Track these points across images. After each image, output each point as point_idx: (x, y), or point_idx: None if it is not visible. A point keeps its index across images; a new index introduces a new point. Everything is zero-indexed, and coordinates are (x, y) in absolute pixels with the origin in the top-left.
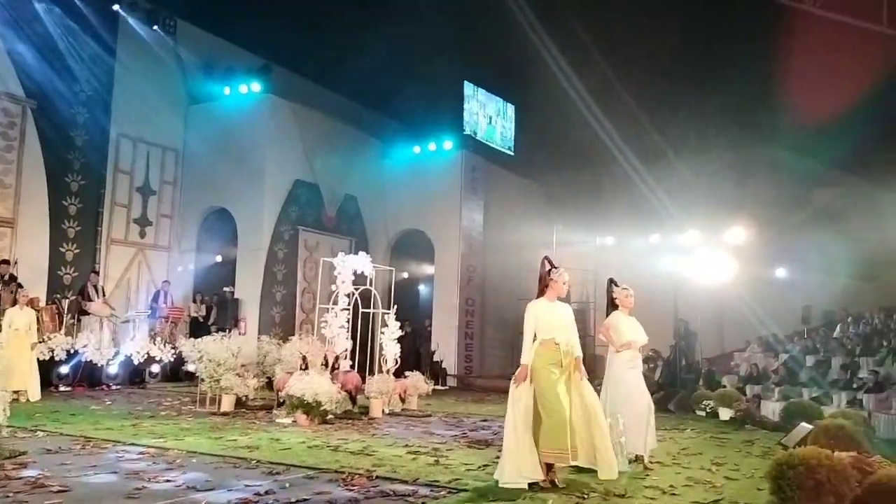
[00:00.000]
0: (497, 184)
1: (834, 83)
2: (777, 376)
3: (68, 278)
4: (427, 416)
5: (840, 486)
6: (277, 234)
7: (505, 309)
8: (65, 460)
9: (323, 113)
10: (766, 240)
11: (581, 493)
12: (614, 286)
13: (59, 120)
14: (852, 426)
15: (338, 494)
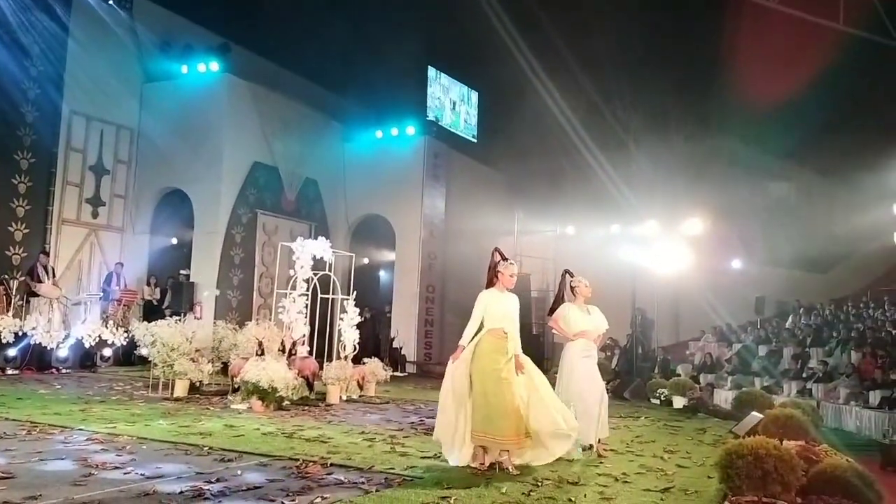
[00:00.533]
0: (459, 171)
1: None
2: (730, 365)
3: (17, 258)
4: (385, 403)
5: (787, 475)
6: (235, 217)
7: (465, 296)
8: (9, 446)
9: (283, 94)
10: (722, 231)
11: (535, 480)
12: (569, 277)
13: (9, 95)
14: (801, 416)
15: (291, 482)
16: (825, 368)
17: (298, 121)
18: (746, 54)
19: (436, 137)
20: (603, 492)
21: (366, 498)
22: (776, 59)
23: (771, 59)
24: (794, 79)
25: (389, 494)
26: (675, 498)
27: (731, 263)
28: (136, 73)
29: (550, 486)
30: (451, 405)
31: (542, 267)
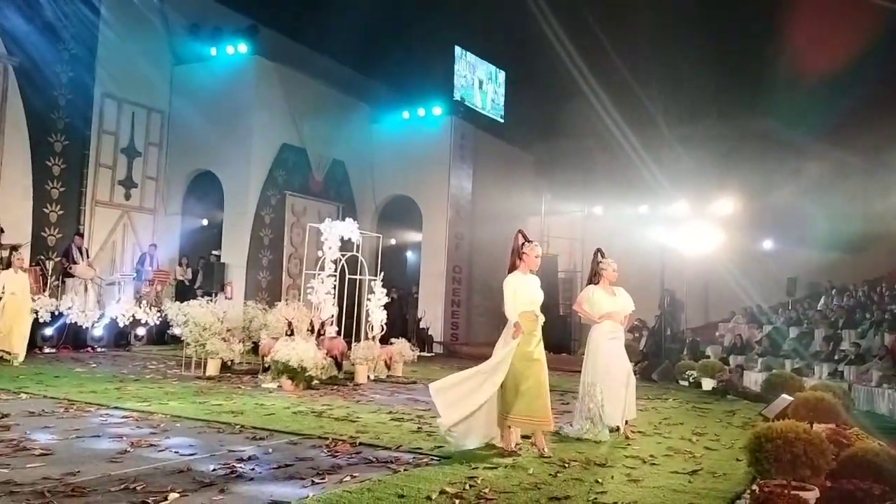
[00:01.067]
0: (486, 151)
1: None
2: (760, 347)
3: (52, 240)
4: (412, 383)
5: (816, 460)
6: (264, 198)
7: (492, 277)
8: (48, 423)
9: (311, 76)
10: (754, 211)
11: (562, 461)
12: (601, 257)
13: (42, 79)
14: (832, 399)
15: (321, 460)
16: (857, 350)
17: (326, 102)
18: (782, 31)
19: (462, 118)
20: (630, 473)
21: (394, 477)
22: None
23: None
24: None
25: (417, 474)
26: (703, 480)
27: (763, 244)
28: (166, 56)
29: (577, 468)
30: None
31: (570, 248)
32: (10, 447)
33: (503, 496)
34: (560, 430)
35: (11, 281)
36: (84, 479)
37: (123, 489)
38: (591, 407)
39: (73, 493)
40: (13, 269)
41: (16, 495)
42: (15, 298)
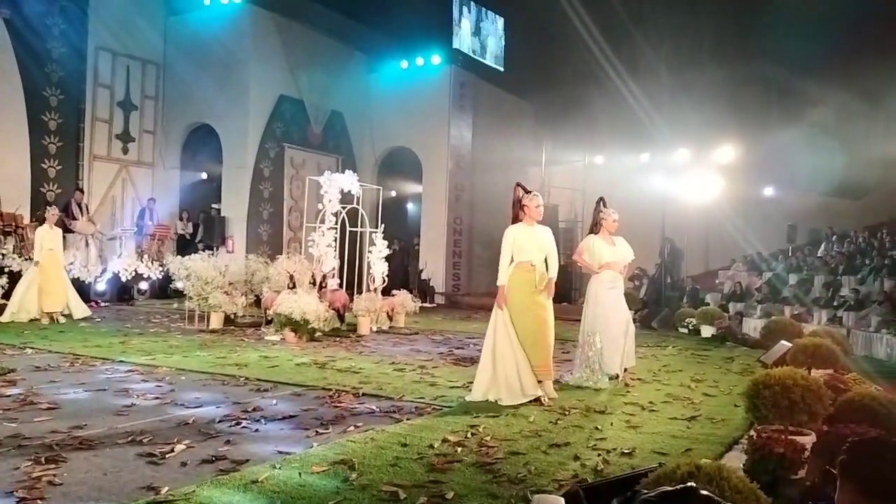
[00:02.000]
0: (486, 101)
1: None
2: (760, 294)
3: (52, 195)
4: (414, 334)
5: (813, 405)
6: (263, 151)
7: (493, 227)
8: (54, 378)
9: (307, 25)
10: (755, 158)
11: (562, 408)
12: (602, 207)
13: (35, 31)
14: (830, 344)
15: (324, 411)
16: (857, 296)
17: (323, 52)
18: None
19: (462, 67)
20: (629, 420)
21: (397, 427)
22: None
23: None
24: None
25: (420, 423)
26: (702, 426)
27: (763, 191)
28: (159, 7)
29: (577, 415)
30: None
31: (571, 198)
32: (17, 402)
33: (504, 443)
34: (561, 379)
35: (48, 237)
36: (91, 432)
37: (130, 441)
38: (590, 355)
39: (81, 445)
40: (48, 225)
41: (24, 448)
42: (53, 255)
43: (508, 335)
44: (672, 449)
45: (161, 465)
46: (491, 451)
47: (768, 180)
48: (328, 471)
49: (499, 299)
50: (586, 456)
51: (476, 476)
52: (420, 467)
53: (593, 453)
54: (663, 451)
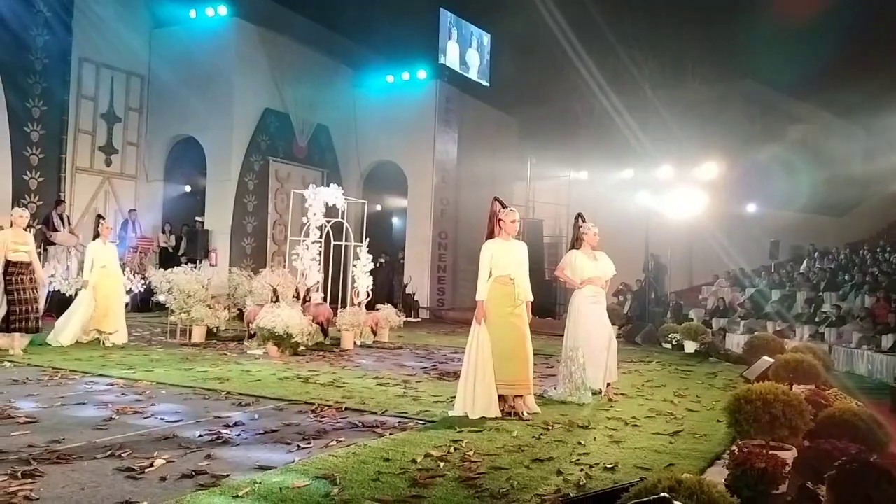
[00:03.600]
0: (471, 116)
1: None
2: (743, 310)
3: (33, 207)
4: (398, 349)
5: (794, 420)
6: (247, 164)
7: (478, 242)
8: (33, 391)
9: (292, 38)
10: (738, 175)
11: (545, 423)
12: (581, 222)
13: (18, 42)
14: (812, 360)
15: (307, 425)
16: (838, 312)
17: (309, 66)
18: None
19: (448, 82)
20: (612, 435)
21: (380, 441)
22: None
23: None
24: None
25: (403, 438)
26: (684, 441)
27: (746, 207)
28: (145, 19)
29: (560, 430)
30: (479, 363)
31: (556, 212)
32: None
33: (487, 458)
34: (544, 394)
35: (101, 252)
36: (69, 446)
37: (109, 456)
38: (573, 370)
39: (59, 459)
40: (101, 240)
41: (1, 463)
42: (107, 272)
43: (484, 350)
44: (655, 464)
45: (140, 480)
46: (474, 465)
47: (751, 197)
48: (310, 485)
49: (477, 314)
50: (569, 471)
51: (458, 491)
52: (402, 482)
53: (576, 468)
54: (646, 465)
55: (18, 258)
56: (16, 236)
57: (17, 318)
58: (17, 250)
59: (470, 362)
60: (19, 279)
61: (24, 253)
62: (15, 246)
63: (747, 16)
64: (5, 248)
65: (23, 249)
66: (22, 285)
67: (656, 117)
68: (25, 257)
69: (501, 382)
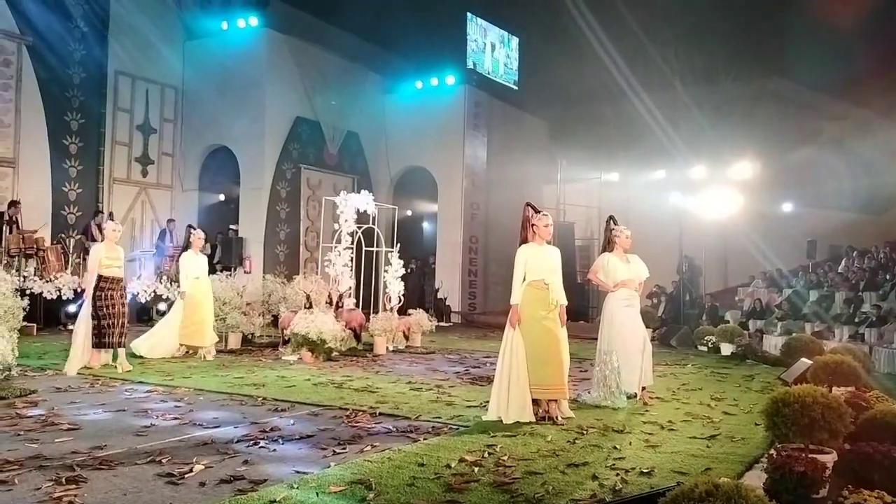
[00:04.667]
0: (500, 119)
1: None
2: (780, 311)
3: (72, 218)
4: (430, 353)
5: (834, 423)
6: (280, 172)
7: (508, 245)
8: (74, 398)
9: (322, 48)
10: (773, 174)
11: (580, 428)
12: (613, 224)
13: (56, 57)
14: (851, 361)
15: (341, 430)
16: (879, 312)
17: (338, 74)
18: None
19: (476, 86)
20: (648, 439)
21: (414, 446)
22: None
23: None
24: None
25: (437, 443)
26: (721, 445)
27: (782, 207)
28: (178, 32)
29: (595, 434)
30: (514, 367)
31: (587, 215)
32: (38, 423)
33: (521, 463)
34: (578, 398)
35: (194, 264)
36: (111, 452)
37: (150, 461)
38: (607, 374)
39: (101, 465)
40: (193, 250)
41: (46, 469)
42: (200, 284)
43: (518, 354)
44: (691, 468)
45: (180, 486)
46: (508, 470)
47: (787, 196)
48: (345, 491)
49: (511, 318)
50: (604, 475)
51: (493, 496)
52: (437, 487)
53: (611, 473)
54: (682, 470)
55: (111, 273)
56: (109, 251)
57: (108, 333)
58: (110, 266)
59: (504, 366)
60: (110, 294)
61: (117, 269)
62: (108, 261)
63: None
64: (99, 263)
65: (116, 265)
66: (112, 300)
67: (688, 117)
68: (118, 273)
69: (536, 386)
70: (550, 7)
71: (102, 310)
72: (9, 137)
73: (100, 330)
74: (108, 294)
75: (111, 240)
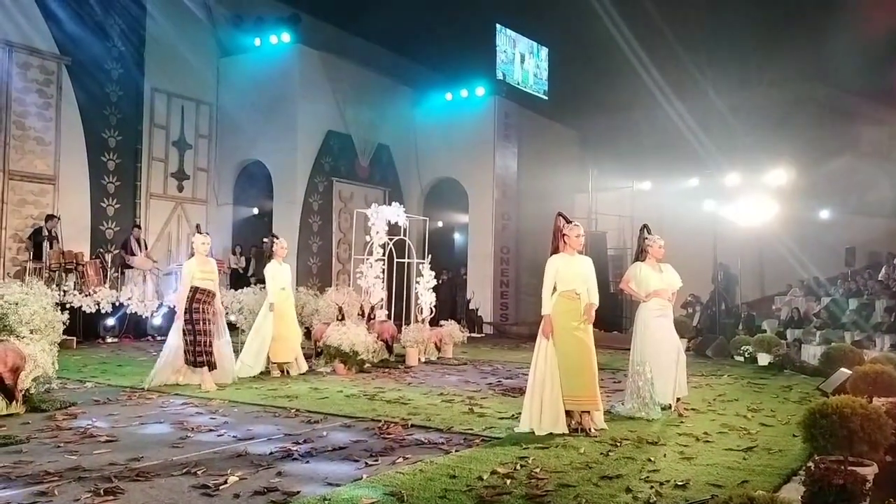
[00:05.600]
0: (530, 129)
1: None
2: (818, 320)
3: (110, 233)
4: (462, 365)
5: (874, 435)
6: (312, 185)
7: (540, 256)
8: (112, 411)
9: (353, 62)
10: (809, 180)
11: (614, 440)
12: (647, 233)
13: (94, 76)
14: (892, 371)
15: (374, 443)
16: None
17: (369, 87)
18: None
19: (506, 97)
20: (683, 451)
21: (446, 458)
22: None
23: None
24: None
25: (469, 454)
26: (758, 457)
27: (819, 214)
28: (212, 49)
29: (629, 446)
30: (547, 378)
31: (619, 224)
32: (78, 435)
33: (554, 475)
34: (612, 409)
35: (280, 274)
36: (147, 464)
37: (185, 473)
38: (640, 385)
39: (138, 477)
40: (277, 260)
41: (84, 480)
42: (286, 294)
43: (550, 365)
44: (727, 481)
45: (215, 497)
46: (541, 483)
47: (824, 203)
48: (378, 502)
49: (544, 328)
50: (638, 488)
51: None
52: (469, 499)
53: (646, 485)
54: (718, 482)
55: (206, 286)
56: (202, 265)
57: (203, 351)
58: (204, 278)
59: (536, 377)
60: (205, 308)
61: (210, 281)
62: (202, 274)
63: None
64: (192, 278)
65: (210, 277)
66: (206, 314)
67: (721, 123)
68: (211, 285)
69: (569, 398)
70: (579, 16)
71: (199, 324)
72: (50, 155)
73: (195, 347)
74: (203, 308)
75: (201, 253)
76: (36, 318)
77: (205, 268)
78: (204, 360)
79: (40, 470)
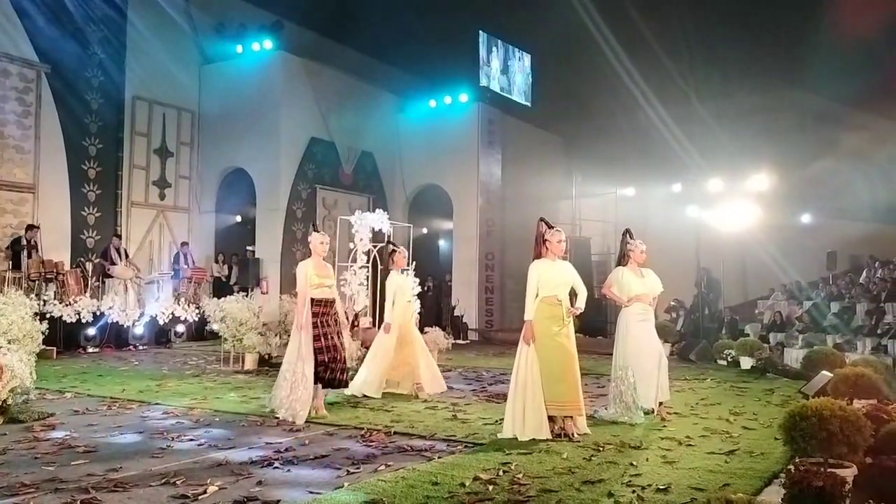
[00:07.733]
0: (514, 136)
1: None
2: (801, 324)
3: (91, 241)
4: (447, 371)
5: (853, 437)
6: (295, 192)
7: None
8: (92, 421)
9: (336, 69)
10: (791, 185)
11: (596, 444)
12: (629, 238)
13: (74, 83)
14: (872, 374)
15: (356, 450)
16: None
17: (352, 94)
18: None
19: (489, 103)
20: (665, 455)
21: (429, 465)
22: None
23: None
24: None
25: (451, 461)
26: (740, 460)
27: (801, 218)
28: (194, 56)
29: (612, 451)
30: (528, 384)
31: (603, 230)
32: (56, 446)
33: (537, 481)
34: (595, 414)
35: (404, 286)
36: (126, 474)
37: (164, 483)
38: (623, 390)
39: (116, 487)
40: (396, 269)
41: (61, 492)
42: (410, 308)
43: (533, 370)
44: (709, 484)
45: None
46: (523, 488)
47: (805, 208)
48: None
49: (525, 334)
50: (620, 492)
51: None
52: None
53: (628, 490)
54: (700, 486)
55: (322, 294)
56: (318, 268)
57: (328, 369)
58: (321, 285)
59: (518, 383)
60: (325, 321)
61: (328, 289)
62: (319, 280)
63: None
64: (308, 282)
65: (327, 284)
66: (328, 328)
67: (704, 129)
68: (329, 293)
69: (551, 403)
70: (563, 23)
71: (320, 340)
72: (29, 163)
73: (316, 367)
74: (324, 321)
75: (319, 254)
76: (14, 328)
77: (322, 272)
78: (328, 377)
79: (17, 482)
